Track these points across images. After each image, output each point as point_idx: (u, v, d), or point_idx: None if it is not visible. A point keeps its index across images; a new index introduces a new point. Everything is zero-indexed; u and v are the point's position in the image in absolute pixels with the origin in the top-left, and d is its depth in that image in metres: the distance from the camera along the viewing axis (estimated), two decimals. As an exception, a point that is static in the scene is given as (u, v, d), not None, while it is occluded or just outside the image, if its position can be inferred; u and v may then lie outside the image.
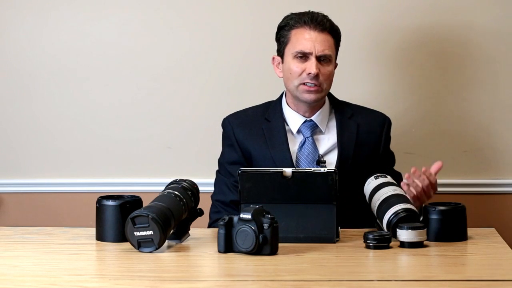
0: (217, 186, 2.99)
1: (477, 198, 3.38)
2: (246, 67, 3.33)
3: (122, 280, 2.14)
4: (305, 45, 2.87)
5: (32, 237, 2.64)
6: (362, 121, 2.97)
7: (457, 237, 2.49)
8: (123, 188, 3.34)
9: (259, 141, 2.94)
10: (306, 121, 2.94)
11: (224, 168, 2.98)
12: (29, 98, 3.49)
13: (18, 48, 3.48)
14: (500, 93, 3.38)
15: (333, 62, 2.92)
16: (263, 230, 2.32)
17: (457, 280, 2.12)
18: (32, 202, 3.53)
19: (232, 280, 2.17)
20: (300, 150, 2.92)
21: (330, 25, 2.90)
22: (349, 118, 2.97)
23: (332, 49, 2.90)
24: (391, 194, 2.52)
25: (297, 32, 2.89)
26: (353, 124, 2.95)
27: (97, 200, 2.56)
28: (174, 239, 2.48)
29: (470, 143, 3.40)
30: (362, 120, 2.97)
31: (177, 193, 2.47)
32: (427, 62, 3.39)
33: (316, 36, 2.87)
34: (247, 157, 2.93)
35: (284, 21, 2.94)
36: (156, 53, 3.45)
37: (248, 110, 3.04)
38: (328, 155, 2.91)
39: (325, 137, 2.94)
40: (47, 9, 3.45)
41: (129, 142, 3.48)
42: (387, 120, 3.01)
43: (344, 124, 2.95)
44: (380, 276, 2.19)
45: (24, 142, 3.51)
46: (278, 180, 2.49)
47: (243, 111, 3.03)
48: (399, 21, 3.37)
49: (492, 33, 3.35)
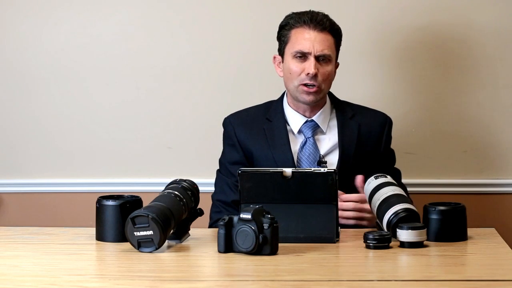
0: (218, 185, 2.98)
1: (477, 198, 3.38)
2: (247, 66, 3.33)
3: (122, 280, 2.14)
4: (304, 44, 2.86)
5: (32, 237, 2.64)
6: (363, 121, 2.97)
7: (457, 237, 2.48)
8: (123, 188, 3.34)
9: (261, 141, 2.93)
10: (307, 121, 2.94)
11: (225, 167, 2.98)
12: (29, 98, 3.49)
13: (18, 48, 3.48)
14: (500, 93, 3.38)
15: (333, 62, 2.91)
16: (263, 230, 2.32)
17: (457, 280, 2.12)
18: (32, 202, 3.53)
19: (232, 280, 2.17)
20: (301, 150, 2.91)
21: (330, 24, 2.89)
22: (350, 118, 2.96)
23: (332, 48, 2.90)
24: (391, 194, 2.52)
25: (297, 32, 2.89)
26: (354, 124, 2.95)
27: (97, 200, 2.56)
28: (174, 239, 2.48)
29: (470, 143, 3.40)
30: (363, 120, 2.97)
31: (177, 193, 2.47)
32: (428, 62, 3.39)
33: (315, 36, 2.87)
34: (248, 157, 2.93)
35: (285, 20, 2.94)
36: (156, 53, 3.45)
37: (250, 109, 3.04)
38: (329, 155, 2.91)
39: (326, 137, 2.94)
40: (47, 9, 3.46)
41: (129, 142, 3.48)
42: (388, 120, 3.01)
43: (345, 124, 2.95)
44: (380, 276, 2.19)
45: (24, 142, 3.51)
46: (278, 180, 2.49)
47: (244, 111, 3.03)
48: (399, 21, 3.37)
49: (493, 33, 3.35)
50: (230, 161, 2.97)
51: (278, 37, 2.96)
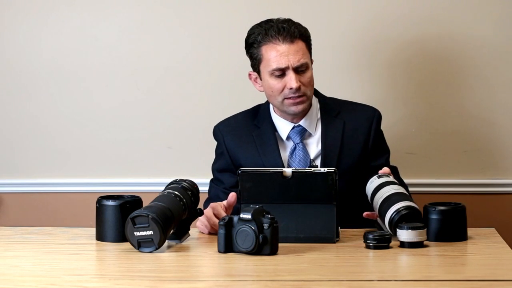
0: (210, 192, 2.96)
1: (477, 198, 3.38)
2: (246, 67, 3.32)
3: (122, 280, 2.14)
4: (279, 61, 2.79)
5: (32, 237, 2.64)
6: (348, 118, 2.90)
7: (457, 237, 2.48)
8: (123, 188, 3.34)
9: (250, 149, 2.91)
10: (295, 127, 2.90)
11: (214, 175, 2.98)
12: (29, 98, 3.49)
13: (18, 48, 3.48)
14: (500, 93, 3.38)
15: (310, 66, 2.84)
16: (263, 230, 2.32)
17: (457, 280, 2.12)
18: (32, 202, 3.53)
19: (232, 280, 2.17)
20: (291, 156, 2.88)
21: (298, 31, 2.81)
22: (335, 116, 2.90)
23: (306, 54, 2.83)
24: (393, 193, 2.52)
25: (268, 49, 2.81)
26: (339, 123, 2.89)
27: (97, 200, 2.56)
28: (174, 239, 2.48)
29: (470, 143, 3.40)
30: (349, 116, 2.91)
31: (177, 193, 2.47)
32: (427, 62, 3.39)
33: (287, 49, 2.79)
34: (236, 165, 2.87)
35: (251, 38, 2.86)
36: (156, 53, 3.45)
37: (238, 115, 3.00)
38: (318, 158, 2.88)
39: (313, 140, 2.90)
40: (47, 9, 3.46)
41: (129, 142, 3.48)
42: (376, 114, 2.93)
43: (329, 124, 2.89)
44: (380, 276, 2.19)
45: (24, 142, 3.51)
46: (278, 180, 2.49)
47: (233, 117, 3.01)
48: (399, 21, 3.37)
49: (492, 32, 3.35)
50: (218, 168, 2.97)
51: (248, 54, 2.89)
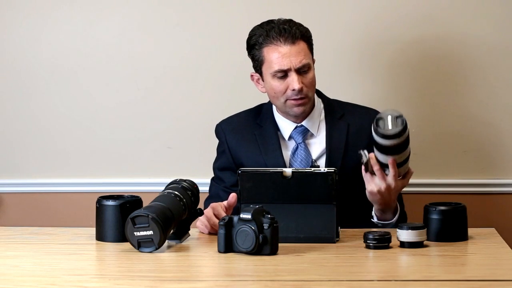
0: (211, 191, 2.97)
1: (477, 198, 3.38)
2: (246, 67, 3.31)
3: (122, 280, 2.14)
4: (282, 63, 2.79)
5: (32, 237, 2.64)
6: (352, 120, 2.92)
7: (457, 237, 2.49)
8: (123, 188, 3.34)
9: (252, 147, 2.91)
10: (297, 127, 2.90)
11: (215, 173, 2.98)
12: (28, 98, 3.49)
13: (18, 48, 3.48)
14: (500, 93, 3.38)
15: (312, 66, 2.85)
16: (263, 230, 2.32)
17: (457, 280, 2.12)
18: (32, 202, 3.52)
19: (232, 280, 2.17)
20: (293, 156, 2.88)
21: (299, 31, 2.81)
22: (339, 118, 2.91)
23: (308, 55, 2.83)
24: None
25: (269, 50, 2.82)
26: (343, 125, 2.90)
27: (97, 200, 2.56)
28: (174, 239, 2.48)
29: (470, 143, 3.40)
30: (353, 119, 2.92)
31: (177, 193, 2.47)
32: (427, 62, 3.39)
33: (289, 50, 2.79)
34: (238, 164, 2.88)
35: (253, 40, 2.86)
36: (156, 53, 3.45)
37: (240, 114, 3.01)
38: (321, 159, 2.87)
39: (316, 141, 2.90)
40: (47, 9, 3.45)
41: (129, 142, 3.48)
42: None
43: (333, 126, 2.90)
44: (380, 276, 2.19)
45: (24, 142, 3.51)
46: (278, 180, 2.49)
47: (236, 116, 3.01)
48: (399, 21, 3.37)
49: (492, 32, 3.35)
50: (219, 166, 2.97)
51: (250, 55, 2.89)
